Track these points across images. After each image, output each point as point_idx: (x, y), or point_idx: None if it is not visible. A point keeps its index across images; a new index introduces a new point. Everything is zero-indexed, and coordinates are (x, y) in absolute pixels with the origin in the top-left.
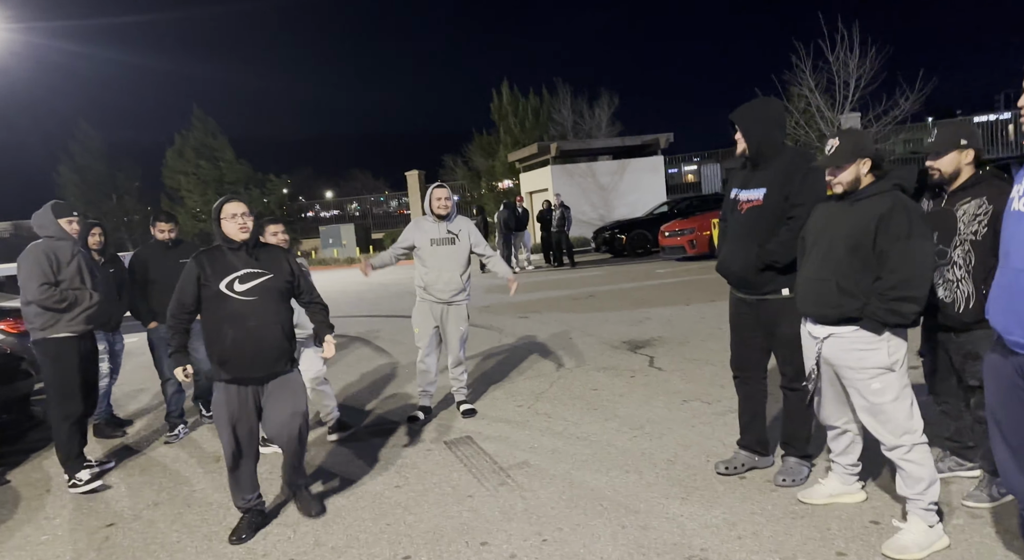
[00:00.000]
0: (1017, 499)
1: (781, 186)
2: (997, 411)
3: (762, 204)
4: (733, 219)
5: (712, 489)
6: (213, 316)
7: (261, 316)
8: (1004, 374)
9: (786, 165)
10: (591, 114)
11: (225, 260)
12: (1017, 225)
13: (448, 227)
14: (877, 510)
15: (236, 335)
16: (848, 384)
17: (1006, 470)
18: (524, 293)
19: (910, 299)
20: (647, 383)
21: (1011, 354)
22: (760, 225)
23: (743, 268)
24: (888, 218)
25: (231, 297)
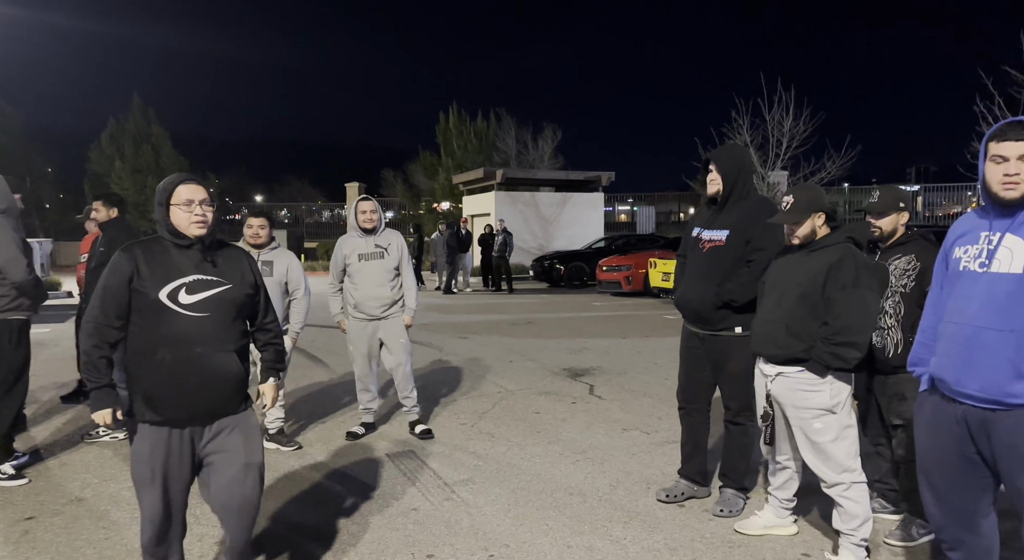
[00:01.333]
0: (942, 541)
1: (745, 229)
2: (927, 458)
3: (724, 244)
4: (693, 256)
5: (653, 515)
6: (145, 334)
7: (213, 340)
8: (942, 421)
9: (752, 210)
10: (535, 145)
11: (169, 260)
12: (973, 285)
13: (376, 241)
14: (808, 543)
15: (176, 362)
16: (792, 422)
17: (932, 515)
18: (463, 314)
19: (852, 345)
20: (588, 410)
21: (956, 403)
22: (720, 265)
23: (701, 304)
24: (837, 267)
25: (174, 311)
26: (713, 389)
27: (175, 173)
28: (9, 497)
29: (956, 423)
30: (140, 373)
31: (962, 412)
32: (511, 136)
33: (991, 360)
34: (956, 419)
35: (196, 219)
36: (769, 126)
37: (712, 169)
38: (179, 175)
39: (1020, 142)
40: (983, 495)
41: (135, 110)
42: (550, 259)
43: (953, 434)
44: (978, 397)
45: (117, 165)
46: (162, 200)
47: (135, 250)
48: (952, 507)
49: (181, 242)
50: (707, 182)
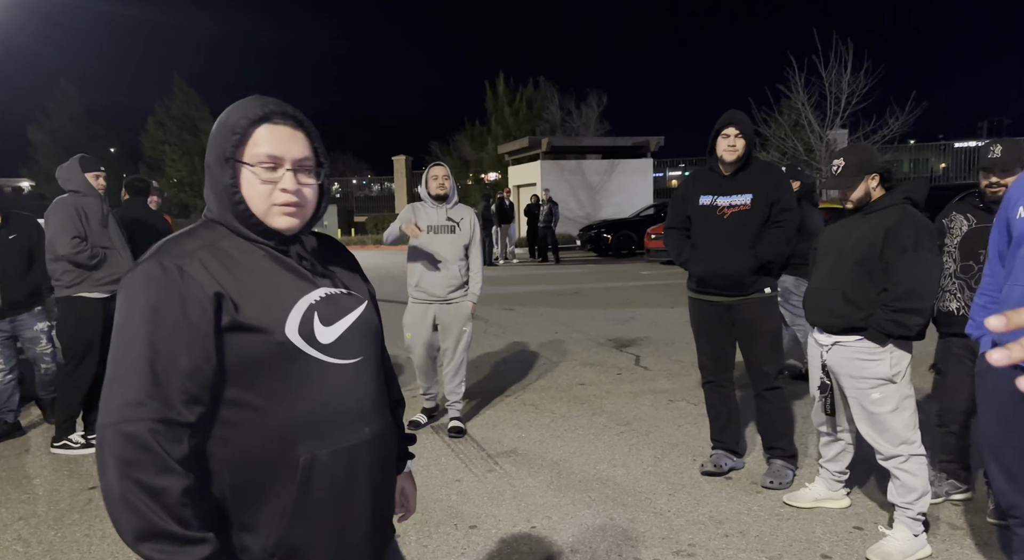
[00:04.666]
0: (1014, 517)
1: (769, 192)
2: (994, 434)
3: (750, 208)
4: (711, 225)
5: (699, 487)
6: (258, 424)
7: (378, 407)
8: (1009, 393)
9: (771, 172)
10: (579, 113)
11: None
12: None
13: (449, 213)
14: (860, 516)
15: (335, 466)
16: (848, 393)
17: (1002, 491)
18: (509, 286)
19: (914, 311)
20: (633, 381)
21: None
22: (749, 229)
23: (739, 270)
24: (896, 230)
25: (314, 359)
26: (735, 359)
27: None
28: (75, 468)
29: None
30: (252, 510)
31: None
32: (554, 104)
33: None
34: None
35: (283, 200)
36: (826, 82)
37: (730, 134)
38: (257, 102)
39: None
40: None
41: (178, 93)
42: (597, 228)
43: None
44: None
45: (166, 150)
46: (225, 150)
47: (199, 255)
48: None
49: (263, 239)
50: (726, 148)
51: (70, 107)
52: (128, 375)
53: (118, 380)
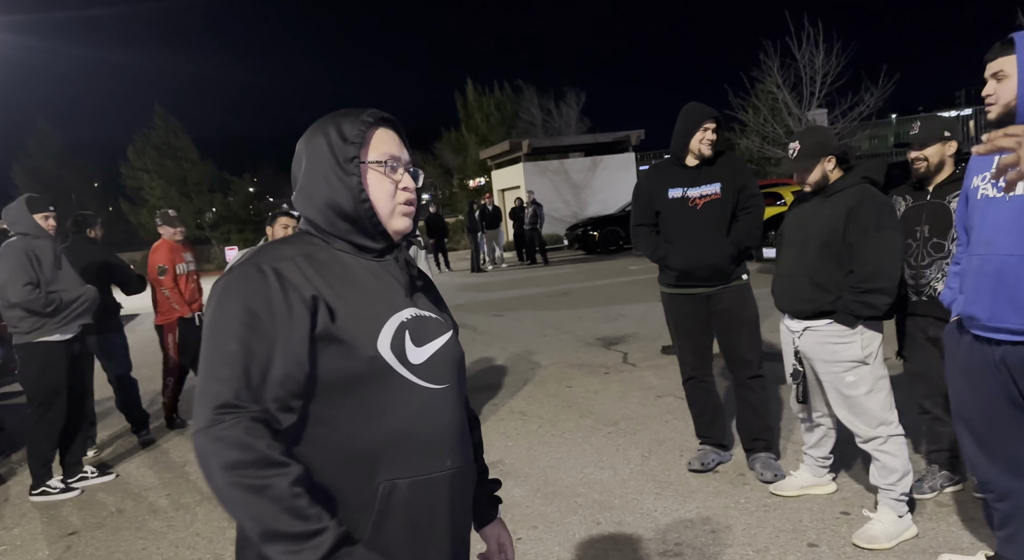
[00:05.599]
0: (989, 492)
1: (735, 179)
2: (967, 407)
3: (720, 197)
4: (684, 216)
5: (686, 483)
6: (336, 443)
7: (463, 442)
8: (980, 366)
9: (733, 162)
10: (559, 112)
11: (358, 279)
12: (995, 210)
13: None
14: (847, 501)
15: (417, 501)
16: (823, 377)
17: (976, 465)
18: (498, 291)
19: (881, 290)
20: (621, 379)
21: (994, 345)
22: (723, 216)
23: (719, 258)
24: (857, 211)
25: (405, 380)
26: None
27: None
28: (55, 514)
29: (996, 368)
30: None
31: (1000, 354)
32: (534, 105)
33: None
34: (995, 363)
35: (405, 199)
36: (800, 64)
37: (710, 128)
38: (361, 110)
39: (995, 60)
40: None
41: (158, 120)
42: (583, 226)
43: (995, 379)
44: (1015, 330)
45: (146, 179)
46: (346, 152)
47: (296, 261)
48: (1000, 457)
49: (373, 244)
50: (706, 141)
51: (50, 146)
52: (220, 377)
53: (210, 383)
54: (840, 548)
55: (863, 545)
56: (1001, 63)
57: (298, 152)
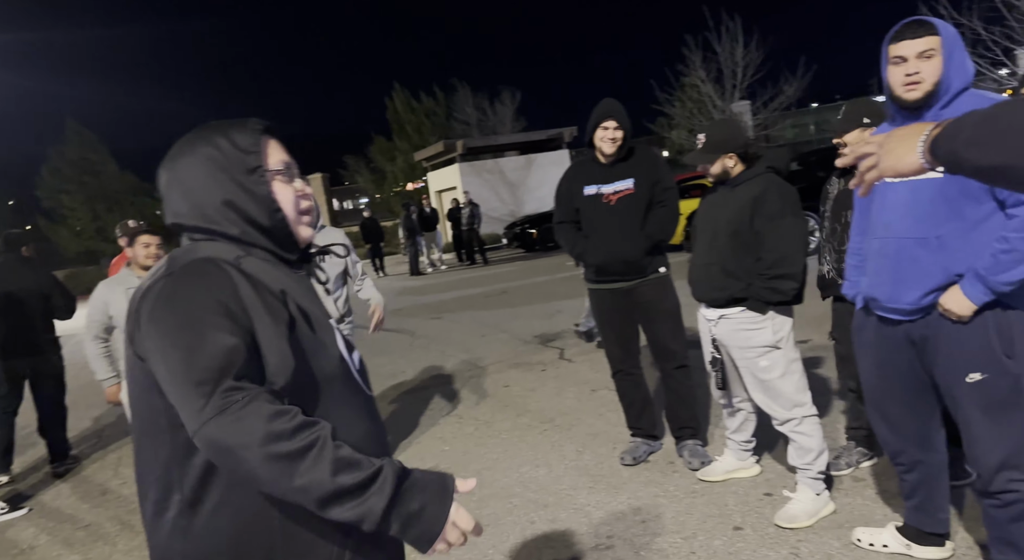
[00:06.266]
0: (899, 464)
1: (648, 173)
2: (876, 386)
3: (634, 192)
4: (600, 212)
5: (618, 475)
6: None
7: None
8: (887, 346)
9: (647, 157)
10: (494, 111)
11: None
12: (894, 195)
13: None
14: (770, 482)
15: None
16: (739, 363)
17: (887, 441)
18: (437, 293)
19: (787, 276)
20: (558, 376)
21: (896, 324)
22: (637, 211)
23: (633, 252)
24: (762, 200)
25: (359, 386)
26: (640, 345)
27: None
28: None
29: (901, 346)
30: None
31: (903, 332)
32: (469, 104)
33: (921, 269)
34: (900, 341)
35: (306, 206)
36: (721, 58)
37: (610, 126)
38: (246, 120)
39: (917, 39)
40: (935, 412)
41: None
42: (521, 224)
43: (900, 356)
44: (914, 310)
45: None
46: (247, 162)
47: (246, 259)
48: (909, 431)
49: (288, 255)
50: (606, 139)
51: None
52: (212, 367)
53: (201, 375)
54: (763, 529)
55: (784, 525)
56: (928, 42)
57: (176, 171)
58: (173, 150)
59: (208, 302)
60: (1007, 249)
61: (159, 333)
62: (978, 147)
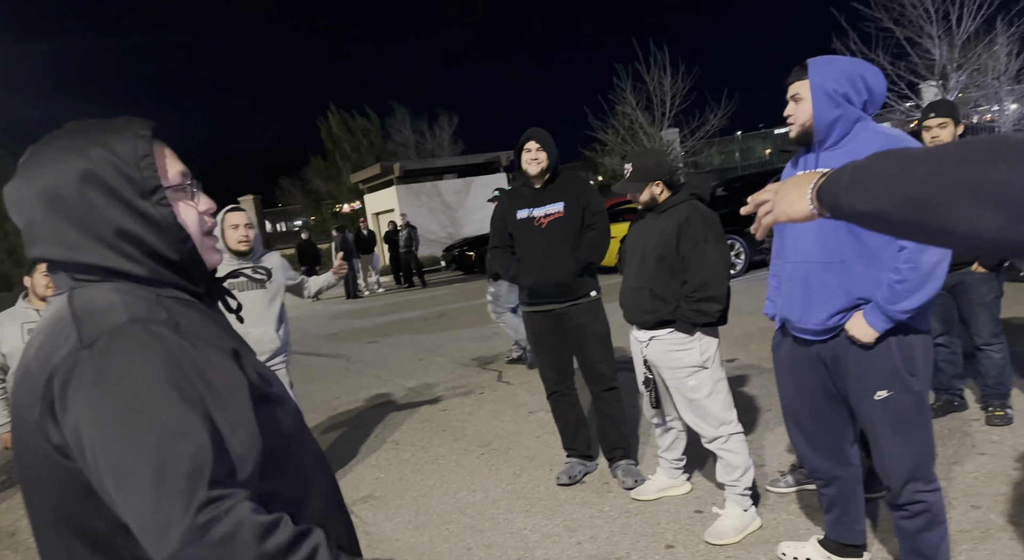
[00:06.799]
0: (818, 479)
1: (578, 198)
2: (794, 403)
3: (564, 215)
4: (531, 236)
5: (555, 497)
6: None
7: None
8: (801, 364)
9: (576, 182)
10: (432, 134)
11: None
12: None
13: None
14: (700, 499)
15: None
16: (669, 383)
17: (805, 456)
18: (374, 316)
19: (711, 298)
20: (495, 398)
21: (809, 344)
22: (567, 234)
23: (563, 274)
24: (687, 226)
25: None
26: (573, 366)
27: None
28: None
29: (814, 364)
30: None
31: (815, 352)
32: (407, 127)
33: (827, 292)
34: (813, 360)
35: (210, 226)
36: (650, 87)
37: (532, 149)
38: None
39: (792, 84)
40: (848, 427)
41: None
42: (460, 247)
43: (814, 376)
44: (822, 330)
45: None
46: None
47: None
48: (825, 446)
49: (198, 288)
50: (529, 161)
51: None
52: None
53: (154, 503)
54: (695, 547)
55: (714, 541)
56: (798, 87)
57: (39, 191)
58: (29, 161)
59: (156, 387)
60: (900, 280)
61: (97, 431)
62: (854, 194)
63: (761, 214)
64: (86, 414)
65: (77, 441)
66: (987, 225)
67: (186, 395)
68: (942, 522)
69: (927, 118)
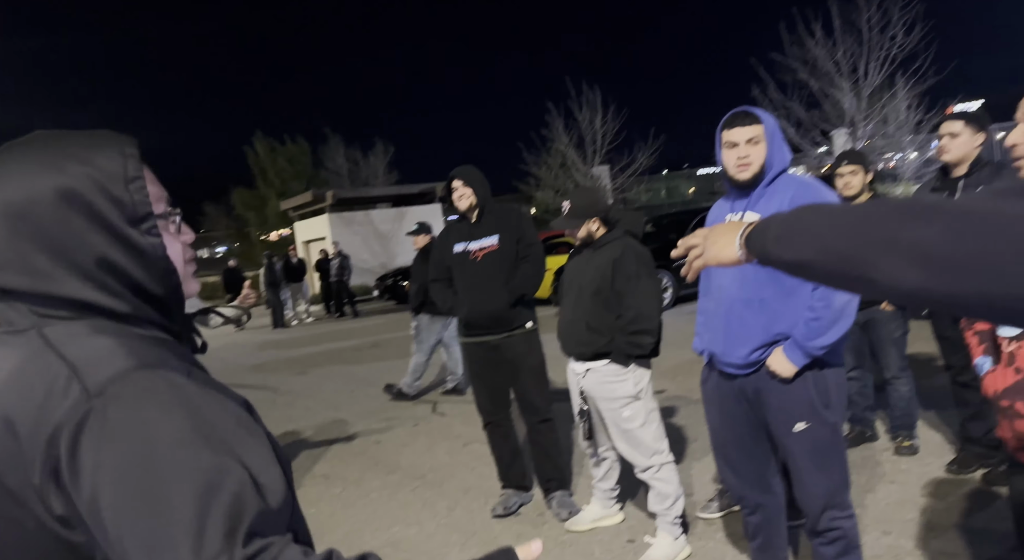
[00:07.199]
0: (744, 507)
1: (512, 231)
2: (720, 434)
3: (499, 248)
4: (466, 269)
5: (490, 530)
6: None
7: None
8: (726, 397)
9: (511, 214)
10: (367, 162)
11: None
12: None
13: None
14: (632, 529)
15: None
16: (604, 414)
17: (732, 485)
18: (303, 346)
19: (645, 331)
20: (429, 431)
21: (733, 377)
22: (502, 266)
23: (497, 306)
24: (621, 262)
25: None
26: (510, 397)
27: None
28: None
29: (738, 397)
30: None
31: (739, 385)
32: (340, 155)
33: (747, 328)
34: (737, 394)
35: (192, 256)
36: (582, 125)
37: (458, 186)
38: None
39: (746, 127)
40: (770, 457)
41: None
42: (393, 276)
43: (739, 407)
44: (744, 364)
45: None
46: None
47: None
48: (749, 476)
49: (175, 326)
50: (457, 198)
51: None
52: (216, 515)
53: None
54: None
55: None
56: (754, 131)
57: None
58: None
59: (186, 438)
60: (815, 318)
61: (122, 497)
62: (781, 244)
63: (691, 257)
64: (105, 477)
65: (94, 511)
66: (907, 278)
67: (215, 446)
68: (857, 547)
69: (840, 165)
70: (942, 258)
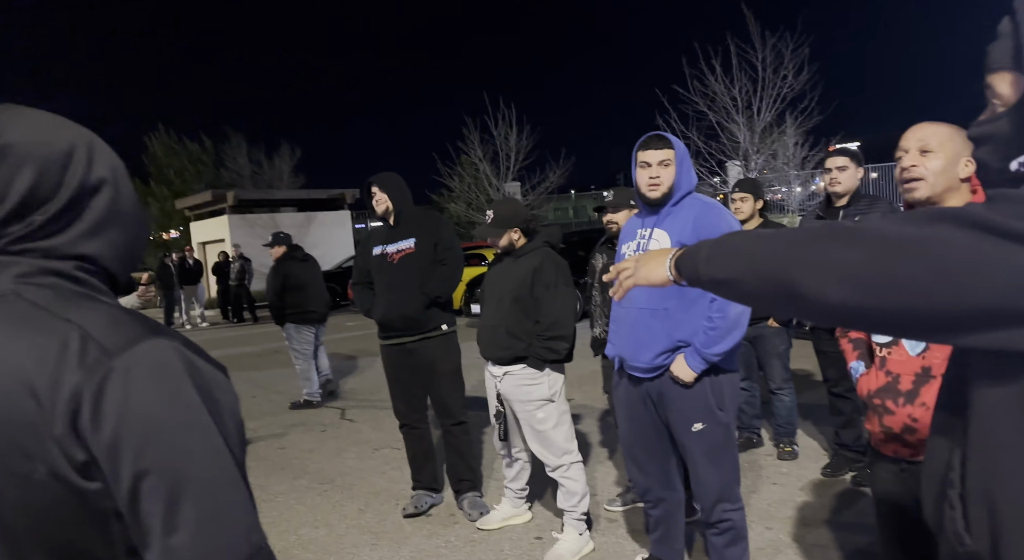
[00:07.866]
0: (647, 501)
1: (430, 234)
2: (629, 434)
3: (415, 251)
4: (384, 271)
5: (401, 530)
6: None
7: None
8: (634, 400)
9: (429, 218)
10: (271, 164)
11: None
12: None
13: None
14: (540, 526)
15: None
16: (519, 416)
17: (637, 481)
18: None
19: (560, 337)
20: (338, 436)
21: (640, 381)
22: (418, 268)
23: (412, 307)
24: (540, 270)
25: None
26: (426, 400)
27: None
28: None
29: (644, 400)
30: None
31: (644, 389)
32: (242, 155)
33: (652, 335)
34: (643, 396)
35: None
36: (497, 141)
37: (375, 192)
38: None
39: (659, 151)
40: (672, 455)
41: None
42: None
43: (645, 409)
44: (647, 368)
45: None
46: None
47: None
48: (653, 472)
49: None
50: (375, 203)
51: None
52: (236, 490)
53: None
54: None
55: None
56: (667, 154)
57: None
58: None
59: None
60: (712, 327)
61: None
62: (713, 264)
63: (623, 279)
64: (132, 416)
65: (113, 454)
66: (832, 294)
67: (219, 420)
68: (744, 538)
69: (733, 192)
70: (866, 277)
